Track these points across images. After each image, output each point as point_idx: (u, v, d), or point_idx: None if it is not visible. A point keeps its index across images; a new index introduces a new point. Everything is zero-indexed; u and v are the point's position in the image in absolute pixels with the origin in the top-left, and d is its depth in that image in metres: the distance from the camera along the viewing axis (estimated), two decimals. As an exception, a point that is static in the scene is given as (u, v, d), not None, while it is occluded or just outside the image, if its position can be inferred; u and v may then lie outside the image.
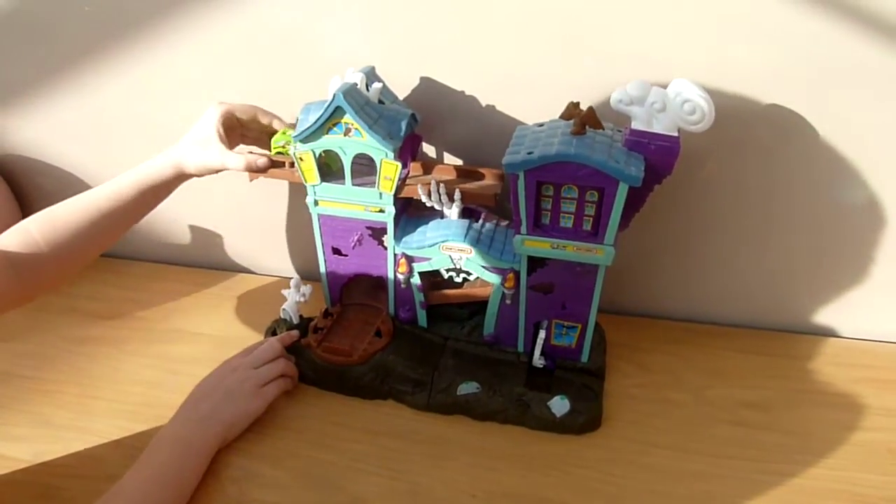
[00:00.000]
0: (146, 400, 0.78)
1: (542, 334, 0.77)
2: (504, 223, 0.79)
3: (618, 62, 0.73)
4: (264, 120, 0.80)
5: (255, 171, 0.78)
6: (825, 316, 0.88)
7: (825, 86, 0.70)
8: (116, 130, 0.93)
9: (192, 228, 1.02)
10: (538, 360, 0.78)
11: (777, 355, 0.85)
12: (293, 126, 0.79)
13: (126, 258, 1.06)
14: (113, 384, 0.81)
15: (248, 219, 0.99)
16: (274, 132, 0.80)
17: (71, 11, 0.83)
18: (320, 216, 0.79)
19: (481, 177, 0.78)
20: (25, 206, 1.02)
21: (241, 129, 0.81)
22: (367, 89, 0.73)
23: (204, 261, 1.04)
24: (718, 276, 0.88)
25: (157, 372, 0.83)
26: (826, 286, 0.85)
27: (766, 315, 0.89)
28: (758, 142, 0.75)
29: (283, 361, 0.78)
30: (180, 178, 0.78)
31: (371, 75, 0.75)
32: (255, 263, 1.04)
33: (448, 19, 0.74)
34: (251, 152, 0.79)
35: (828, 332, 0.89)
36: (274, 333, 0.84)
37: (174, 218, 1.01)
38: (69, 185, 1.00)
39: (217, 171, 0.78)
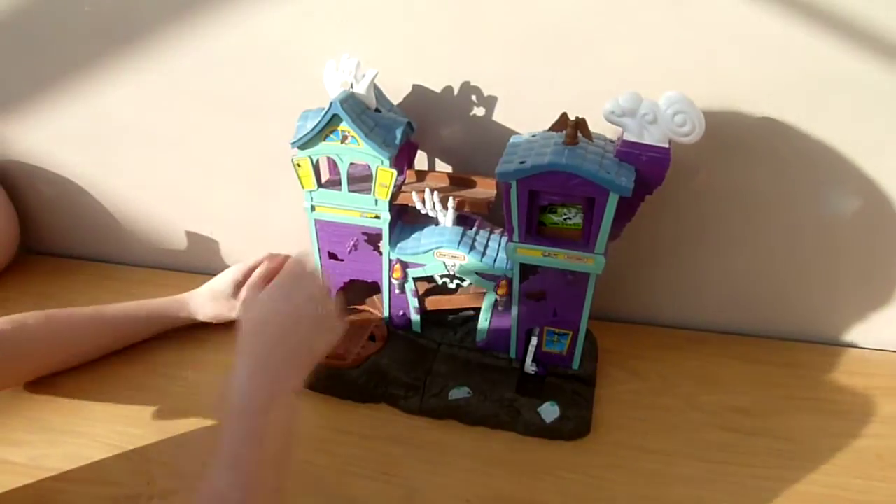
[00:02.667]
0: (143, 404, 0.79)
1: (533, 341, 0.78)
2: (497, 231, 0.79)
3: (609, 74, 0.73)
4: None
5: None
6: (814, 323, 0.89)
7: (814, 96, 0.71)
8: (116, 138, 0.94)
9: (189, 234, 1.02)
10: (530, 367, 0.79)
11: (767, 362, 0.86)
12: None
13: (123, 264, 1.07)
14: (110, 389, 0.81)
15: (243, 224, 0.99)
16: None
17: (72, 20, 0.84)
18: (317, 222, 0.80)
19: (475, 185, 0.79)
20: (24, 212, 1.03)
21: None
22: (363, 76, 0.73)
23: (200, 266, 1.04)
24: (709, 283, 0.88)
25: (154, 377, 0.83)
26: (815, 294, 0.86)
27: (756, 322, 0.90)
28: (747, 152, 0.76)
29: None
30: (188, 321, 0.87)
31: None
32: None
33: (444, 31, 0.75)
34: None
35: (817, 340, 0.90)
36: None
37: (170, 223, 1.02)
38: (68, 193, 1.00)
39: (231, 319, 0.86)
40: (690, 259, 0.87)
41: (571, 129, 0.66)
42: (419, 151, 0.85)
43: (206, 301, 0.86)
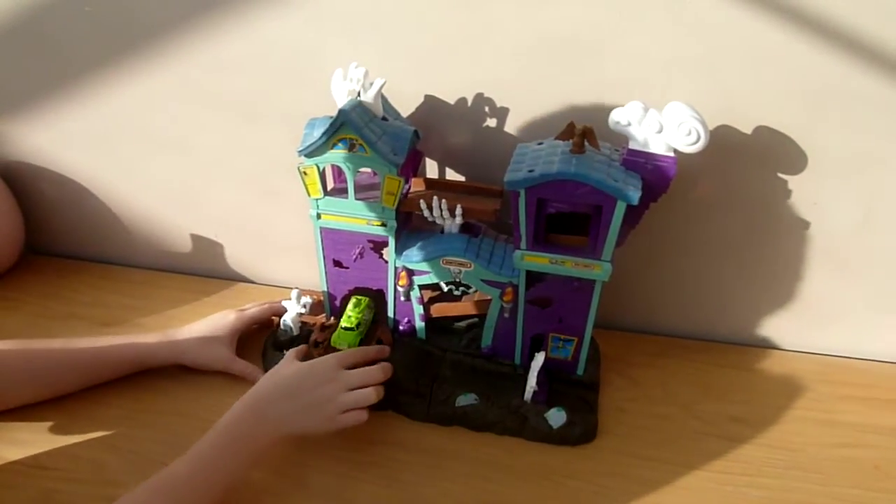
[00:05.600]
0: (145, 406, 0.79)
1: (537, 359, 0.76)
2: (503, 238, 0.80)
3: (614, 83, 0.74)
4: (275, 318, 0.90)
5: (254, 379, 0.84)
6: (813, 334, 0.90)
7: (814, 107, 0.72)
8: (122, 140, 0.94)
9: (193, 237, 1.03)
10: (529, 393, 0.76)
11: (765, 372, 0.87)
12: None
13: (127, 265, 1.07)
14: (112, 390, 0.81)
15: (248, 229, 1.00)
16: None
17: (79, 21, 0.84)
18: (322, 229, 0.80)
19: (481, 193, 0.80)
20: (29, 213, 1.03)
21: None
22: (370, 85, 0.74)
23: (204, 269, 1.05)
24: (708, 293, 0.89)
25: (156, 378, 0.83)
26: (814, 304, 0.87)
27: (755, 332, 0.91)
28: (749, 161, 0.77)
29: (373, 392, 0.72)
30: (171, 363, 0.83)
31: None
32: (254, 273, 1.05)
33: (451, 40, 0.76)
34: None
35: (815, 351, 0.91)
36: (275, 343, 0.85)
37: (175, 226, 1.02)
38: (73, 194, 1.01)
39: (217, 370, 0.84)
40: (689, 267, 0.88)
41: (578, 137, 0.67)
42: (426, 159, 0.86)
43: (195, 349, 0.83)
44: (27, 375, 0.76)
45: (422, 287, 0.81)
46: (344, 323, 0.82)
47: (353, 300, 0.85)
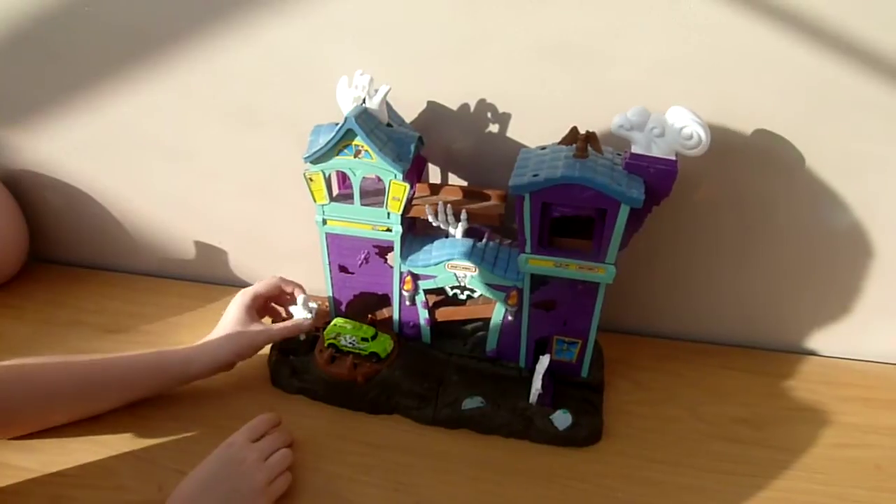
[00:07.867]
0: (155, 412, 0.79)
1: (542, 362, 0.77)
2: (507, 242, 0.81)
3: (617, 88, 0.75)
4: (287, 289, 0.87)
5: (302, 332, 0.84)
6: (815, 336, 0.91)
7: (816, 111, 0.73)
8: (126, 149, 0.95)
9: (197, 244, 1.03)
10: (534, 395, 0.77)
11: (768, 374, 0.88)
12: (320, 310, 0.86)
13: (130, 272, 1.07)
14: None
15: (252, 235, 1.00)
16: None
17: (85, 31, 0.85)
18: (328, 235, 0.81)
19: (485, 197, 0.81)
20: (33, 221, 1.04)
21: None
22: (375, 92, 0.74)
23: (208, 276, 1.05)
24: (711, 295, 0.90)
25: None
26: (815, 307, 0.88)
27: (758, 334, 0.92)
28: (749, 164, 0.78)
29: (290, 452, 0.72)
30: (212, 367, 0.79)
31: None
32: (258, 279, 1.03)
33: (455, 48, 0.77)
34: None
35: (817, 352, 0.92)
36: (282, 347, 0.86)
37: (179, 233, 1.03)
38: (78, 202, 1.01)
39: (261, 347, 0.82)
40: (692, 271, 0.89)
41: (582, 142, 0.67)
42: (431, 165, 0.87)
43: (230, 333, 0.79)
44: (76, 391, 0.75)
45: (427, 291, 0.81)
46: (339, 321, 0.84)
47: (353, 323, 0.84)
